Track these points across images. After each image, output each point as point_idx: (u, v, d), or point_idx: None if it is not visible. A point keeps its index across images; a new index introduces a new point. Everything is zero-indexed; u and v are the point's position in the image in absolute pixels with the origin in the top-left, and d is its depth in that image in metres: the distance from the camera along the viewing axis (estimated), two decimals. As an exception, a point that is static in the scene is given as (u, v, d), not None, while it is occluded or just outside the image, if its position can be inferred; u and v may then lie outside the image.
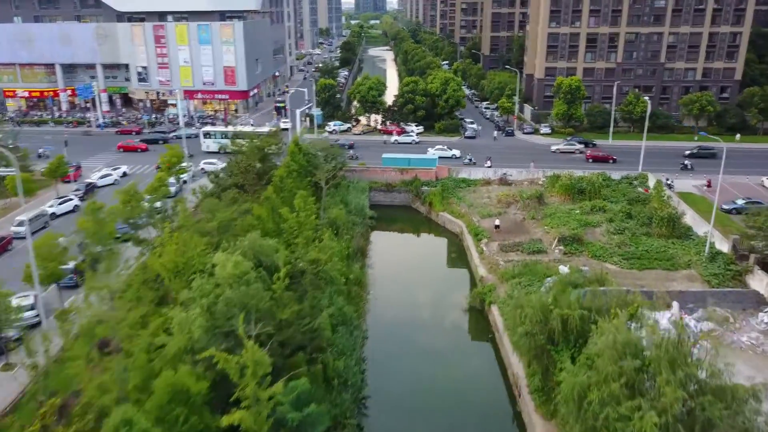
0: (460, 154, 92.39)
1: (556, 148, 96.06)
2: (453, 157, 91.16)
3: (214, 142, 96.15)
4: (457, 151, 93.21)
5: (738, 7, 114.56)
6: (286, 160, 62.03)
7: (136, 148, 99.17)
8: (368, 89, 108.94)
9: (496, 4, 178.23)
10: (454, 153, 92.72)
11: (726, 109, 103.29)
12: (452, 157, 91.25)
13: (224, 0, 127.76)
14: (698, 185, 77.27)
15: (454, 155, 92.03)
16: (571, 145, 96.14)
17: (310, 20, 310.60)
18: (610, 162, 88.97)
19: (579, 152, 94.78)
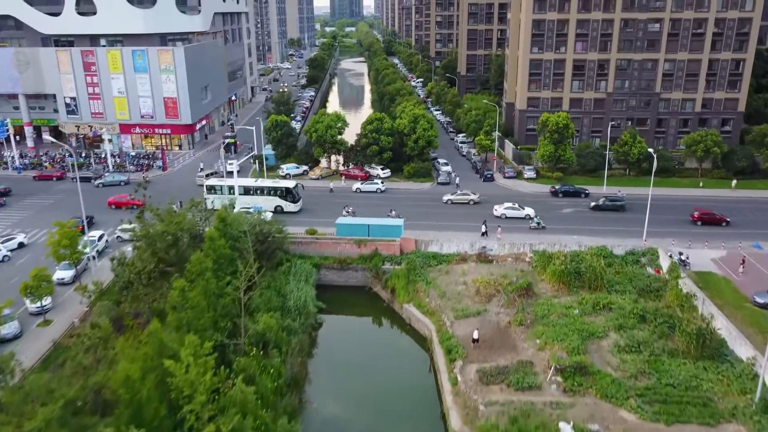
0: (534, 213, 75.63)
1: (448, 198, 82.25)
2: (527, 218, 74.75)
3: (219, 198, 77.47)
4: (531, 210, 76.24)
5: (740, 32, 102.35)
6: (198, 255, 47.05)
7: (132, 203, 79.92)
8: (326, 128, 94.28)
9: (473, 21, 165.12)
10: (528, 213, 75.76)
11: (733, 149, 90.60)
12: (526, 218, 74.91)
13: (165, 21, 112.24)
14: (717, 258, 63.89)
15: (528, 216, 75.18)
16: (465, 195, 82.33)
17: (278, 32, 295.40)
18: (723, 225, 73.82)
19: (473, 202, 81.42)
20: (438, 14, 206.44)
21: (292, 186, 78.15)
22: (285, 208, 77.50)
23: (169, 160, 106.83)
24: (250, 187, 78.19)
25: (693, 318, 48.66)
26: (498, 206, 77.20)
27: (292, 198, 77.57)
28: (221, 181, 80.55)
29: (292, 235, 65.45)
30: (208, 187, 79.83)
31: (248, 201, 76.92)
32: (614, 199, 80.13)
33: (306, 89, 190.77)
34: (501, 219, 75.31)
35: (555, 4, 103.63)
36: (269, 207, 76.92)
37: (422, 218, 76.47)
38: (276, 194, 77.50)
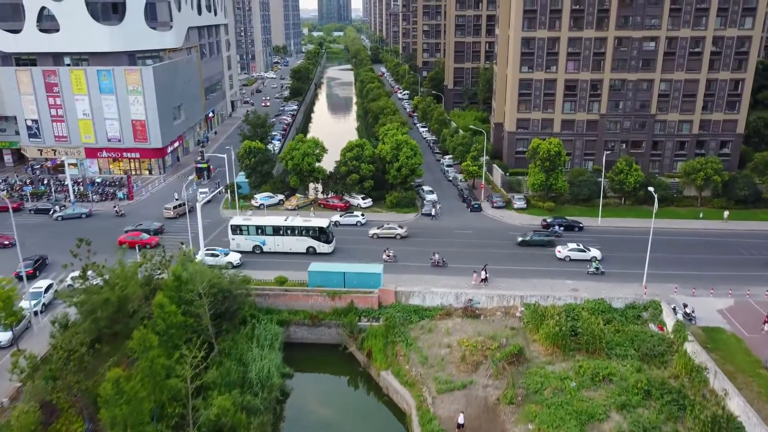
0: (600, 256, 68.79)
1: (374, 233, 77.31)
2: (593, 260, 67.03)
3: (247, 239, 72.54)
4: (597, 252, 69.20)
5: (739, 50, 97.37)
6: (140, 332, 40.78)
7: (148, 242, 74.00)
8: (302, 155, 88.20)
9: (460, 33, 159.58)
10: (594, 255, 68.66)
11: (735, 177, 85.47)
12: (592, 260, 67.22)
13: (133, 39, 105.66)
14: (725, 309, 58.42)
15: (594, 258, 67.76)
16: (391, 229, 77.01)
17: (262, 40, 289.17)
18: None
19: (399, 237, 76.20)
20: (425, 23, 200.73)
21: (326, 225, 72.33)
22: (318, 249, 71.67)
23: (136, 187, 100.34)
24: (280, 226, 72.06)
25: (705, 397, 43.06)
26: (561, 247, 70.78)
27: (325, 238, 71.71)
28: (248, 220, 73.98)
29: (258, 286, 59.40)
30: (232, 227, 72.82)
31: (278, 242, 71.64)
32: (541, 234, 74.82)
33: (289, 102, 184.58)
34: (565, 262, 69.47)
35: (545, 22, 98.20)
36: (300, 248, 71.65)
37: (405, 259, 70.76)
38: (308, 234, 71.73)
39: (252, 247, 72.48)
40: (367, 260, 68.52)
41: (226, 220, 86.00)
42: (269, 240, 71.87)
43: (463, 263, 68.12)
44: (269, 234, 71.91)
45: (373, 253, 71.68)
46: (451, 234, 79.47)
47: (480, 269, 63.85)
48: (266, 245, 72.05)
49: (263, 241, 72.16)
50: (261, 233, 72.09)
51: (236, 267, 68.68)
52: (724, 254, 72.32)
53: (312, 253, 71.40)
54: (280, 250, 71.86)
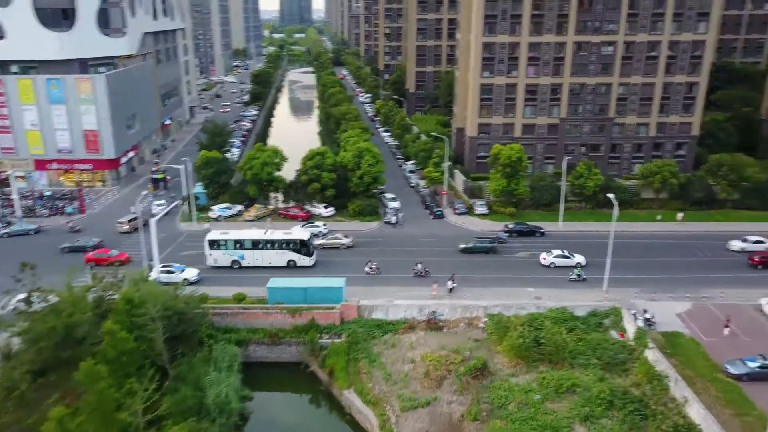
0: (584, 262, 69.08)
1: (319, 243, 75.99)
2: (578, 267, 67.68)
3: (225, 254, 70.21)
4: (581, 258, 69.46)
5: (694, 54, 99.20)
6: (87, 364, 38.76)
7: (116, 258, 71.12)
8: (262, 165, 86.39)
9: (421, 37, 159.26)
10: (579, 261, 69.01)
11: (691, 180, 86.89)
12: (577, 266, 67.77)
13: (85, 46, 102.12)
14: (683, 313, 59.00)
15: (579, 264, 68.30)
16: (335, 239, 76.47)
17: (222, 43, 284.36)
18: None
19: (344, 246, 75.99)
20: (386, 26, 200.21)
21: (307, 238, 70.74)
22: (299, 262, 70.17)
23: (89, 200, 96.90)
24: (259, 240, 70.10)
25: (666, 405, 43.18)
26: (546, 254, 70.75)
27: (306, 251, 70.22)
28: (225, 234, 71.41)
29: (216, 305, 57.64)
30: (210, 242, 70.22)
31: (258, 256, 69.68)
32: (484, 240, 74.82)
33: (249, 107, 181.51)
34: (550, 269, 69.35)
35: (506, 27, 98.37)
36: (281, 262, 69.93)
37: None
38: (289, 247, 70.10)
39: (230, 261, 70.45)
40: (348, 272, 67.61)
41: (184, 233, 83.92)
42: (248, 254, 69.89)
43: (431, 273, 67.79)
44: (248, 248, 69.91)
45: (355, 264, 70.51)
46: (415, 242, 78.79)
47: (447, 279, 63.44)
48: (245, 260, 70.13)
49: (242, 255, 70.13)
50: (239, 247, 69.93)
51: (193, 283, 66.79)
52: (682, 256, 73.36)
53: (293, 267, 69.87)
54: (260, 264, 70.03)
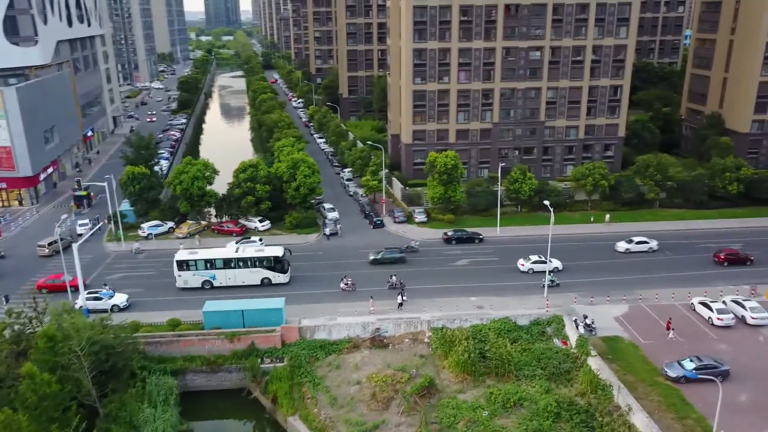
0: (561, 266, 70.36)
1: None
2: (555, 271, 69.29)
3: (195, 275, 66.70)
4: (558, 263, 70.41)
5: (617, 58, 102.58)
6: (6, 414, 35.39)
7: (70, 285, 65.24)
8: (192, 180, 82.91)
9: (352, 41, 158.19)
10: (556, 266, 70.12)
11: (620, 181, 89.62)
12: (554, 271, 69.20)
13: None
14: (621, 316, 60.33)
15: (556, 269, 69.83)
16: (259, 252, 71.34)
17: (145, 48, 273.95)
18: (747, 264, 71.69)
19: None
20: (316, 30, 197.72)
21: (281, 254, 67.88)
22: (273, 280, 67.85)
23: (4, 221, 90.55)
24: (231, 258, 67.01)
25: (611, 413, 43.78)
26: (524, 260, 70.81)
27: (281, 267, 67.77)
28: (194, 254, 67.53)
29: (148, 333, 54.50)
30: (178, 263, 66.53)
31: (230, 276, 66.90)
32: (393, 251, 74.29)
33: (177, 115, 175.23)
34: (528, 274, 69.49)
35: (435, 33, 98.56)
36: (255, 280, 67.43)
37: (310, 285, 68.05)
38: (263, 265, 67.46)
39: (201, 282, 67.22)
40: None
41: (111, 254, 79.52)
42: (219, 274, 67.04)
43: (372, 286, 66.67)
44: (219, 267, 66.96)
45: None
46: (356, 254, 77.37)
47: (396, 292, 62.73)
48: (216, 280, 67.23)
49: (213, 275, 67.13)
50: (210, 267, 66.82)
51: (123, 309, 63.29)
52: (615, 257, 75.34)
53: (267, 284, 67.53)
54: (232, 284, 67.32)
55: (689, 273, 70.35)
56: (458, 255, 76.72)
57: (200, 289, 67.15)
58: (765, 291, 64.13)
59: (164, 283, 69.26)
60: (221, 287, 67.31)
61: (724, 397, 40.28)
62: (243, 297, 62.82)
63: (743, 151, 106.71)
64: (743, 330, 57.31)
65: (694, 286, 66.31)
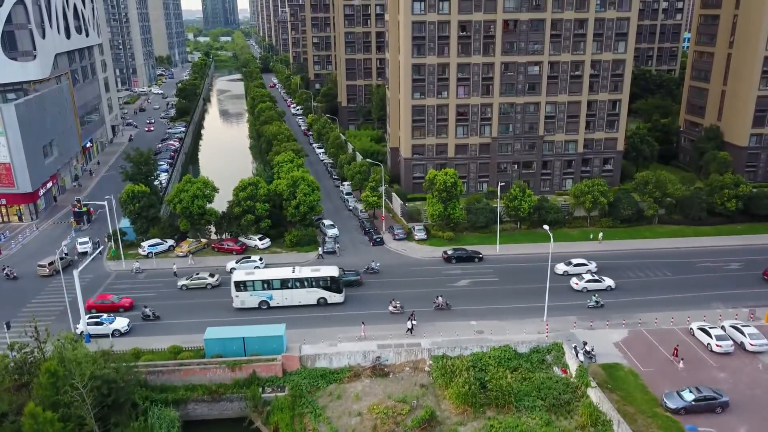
0: (615, 285, 71.60)
1: (182, 284, 73.34)
2: (608, 290, 70.89)
3: (253, 296, 67.36)
4: (611, 281, 71.76)
5: (615, 73, 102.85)
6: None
7: (120, 305, 67.95)
8: (191, 198, 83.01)
9: (350, 50, 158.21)
10: (609, 284, 71.43)
11: (619, 198, 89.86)
12: (607, 290, 70.96)
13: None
14: (620, 341, 60.57)
15: (609, 288, 71.24)
16: (201, 279, 73.27)
17: (144, 52, 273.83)
18: None
19: (210, 286, 72.80)
20: (315, 35, 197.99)
21: (337, 274, 68.77)
22: (329, 299, 68.63)
23: (4, 239, 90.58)
24: (288, 279, 67.78)
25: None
26: (577, 279, 72.35)
27: (336, 288, 68.57)
28: (251, 274, 68.22)
29: (150, 362, 54.67)
30: (236, 284, 67.12)
31: (287, 296, 67.93)
32: (349, 274, 73.72)
33: (175, 123, 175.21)
34: (582, 293, 70.76)
35: (434, 48, 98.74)
36: (311, 300, 68.34)
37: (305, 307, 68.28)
38: (319, 285, 68.25)
39: (258, 303, 67.87)
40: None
41: (112, 273, 79.66)
42: (277, 294, 67.87)
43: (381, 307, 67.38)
44: (276, 288, 67.73)
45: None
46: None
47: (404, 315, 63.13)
48: (273, 300, 68.04)
49: (270, 296, 67.89)
50: (267, 288, 67.54)
51: (125, 334, 63.54)
52: (616, 278, 75.09)
53: (323, 305, 68.35)
54: (288, 304, 68.07)
55: (689, 294, 70.54)
56: (458, 275, 76.91)
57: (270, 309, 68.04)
58: (764, 314, 64.47)
59: (165, 305, 69.47)
60: (277, 307, 68.08)
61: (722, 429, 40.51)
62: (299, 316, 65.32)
63: (741, 164, 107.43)
64: (742, 357, 57.61)
65: (693, 308, 66.69)
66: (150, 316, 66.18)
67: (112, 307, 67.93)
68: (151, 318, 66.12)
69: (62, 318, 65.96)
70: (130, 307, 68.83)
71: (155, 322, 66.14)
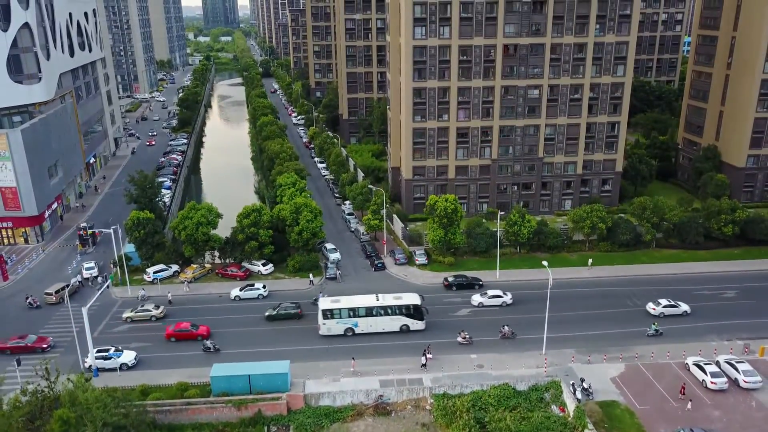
0: (690, 310, 74.29)
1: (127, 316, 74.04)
2: (684, 315, 73.61)
3: (339, 323, 69.88)
4: (687, 307, 74.32)
5: (614, 95, 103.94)
6: None
7: (198, 334, 69.96)
8: (195, 225, 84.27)
9: (351, 64, 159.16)
10: (685, 309, 74.15)
11: (617, 223, 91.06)
12: (683, 315, 73.96)
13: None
14: (617, 376, 61.87)
15: (685, 312, 74.04)
16: (145, 311, 74.15)
17: (145, 58, 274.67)
18: None
19: (155, 319, 73.64)
20: (315, 44, 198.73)
21: (420, 302, 70.90)
22: (412, 326, 70.80)
23: (10, 263, 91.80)
24: (373, 307, 70.14)
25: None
26: (654, 305, 74.28)
27: (419, 315, 70.64)
28: (337, 303, 70.46)
29: (157, 401, 56.01)
30: (324, 312, 69.52)
31: (371, 323, 70.28)
32: (288, 307, 74.50)
33: (177, 135, 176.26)
34: (659, 318, 73.05)
35: (435, 72, 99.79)
36: (394, 327, 70.60)
37: (309, 339, 69.57)
38: (402, 313, 70.53)
39: (344, 330, 70.08)
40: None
41: (116, 301, 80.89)
42: (362, 322, 70.13)
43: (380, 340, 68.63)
44: (362, 315, 70.01)
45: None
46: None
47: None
48: (359, 327, 70.21)
49: (356, 323, 70.09)
50: (353, 315, 69.87)
51: (132, 367, 64.89)
52: (613, 307, 76.47)
53: (405, 331, 70.46)
54: (372, 331, 70.38)
55: (684, 325, 71.72)
56: (458, 303, 78.17)
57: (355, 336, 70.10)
58: (759, 348, 65.76)
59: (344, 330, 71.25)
60: (362, 334, 70.15)
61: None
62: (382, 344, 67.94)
63: (738, 185, 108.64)
64: (736, 394, 58.91)
65: (689, 340, 68.01)
66: (210, 349, 67.20)
67: (190, 335, 69.75)
68: (211, 350, 67.13)
69: (71, 350, 67.27)
70: (208, 335, 70.36)
71: (161, 354, 67.43)
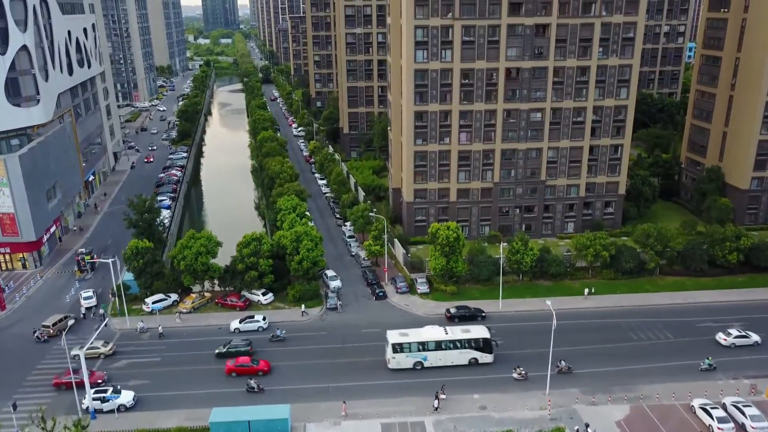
0: (760, 340, 73.74)
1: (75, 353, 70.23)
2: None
3: (408, 357, 69.46)
4: (758, 337, 73.86)
5: (617, 118, 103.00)
6: None
7: (256, 370, 68.96)
8: (195, 255, 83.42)
9: (352, 78, 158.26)
10: (756, 339, 73.73)
11: (621, 250, 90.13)
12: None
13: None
14: (622, 420, 60.97)
15: (756, 343, 73.58)
16: (93, 349, 71.31)
17: (145, 66, 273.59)
18: None
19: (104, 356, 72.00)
20: (316, 53, 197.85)
21: (489, 335, 70.79)
22: (480, 360, 70.63)
23: (9, 290, 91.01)
24: (442, 341, 69.83)
25: None
26: (724, 335, 74.32)
27: (489, 348, 70.49)
28: (405, 336, 70.07)
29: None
30: (393, 346, 68.96)
31: (440, 357, 69.91)
32: (239, 345, 72.56)
33: (177, 147, 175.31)
34: (730, 349, 73.07)
35: (436, 96, 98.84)
36: (462, 361, 70.28)
37: (311, 376, 68.72)
38: (471, 346, 70.25)
39: (413, 363, 69.61)
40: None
41: (116, 333, 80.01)
42: (431, 355, 69.82)
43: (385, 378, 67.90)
44: (431, 349, 69.71)
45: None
46: (359, 335, 77.81)
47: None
48: (428, 361, 69.80)
49: (425, 357, 69.75)
50: (423, 349, 69.55)
51: (130, 408, 64.03)
52: (616, 341, 75.39)
53: (473, 365, 70.19)
54: (441, 364, 69.93)
55: (688, 362, 70.65)
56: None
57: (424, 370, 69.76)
58: (765, 388, 64.87)
59: (170, 372, 69.93)
60: (431, 368, 69.66)
61: None
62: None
63: (742, 207, 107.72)
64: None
65: (694, 379, 67.07)
66: (254, 389, 65.95)
67: (251, 370, 68.70)
68: (255, 390, 65.88)
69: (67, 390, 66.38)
70: (269, 371, 69.32)
71: (161, 393, 66.56)
